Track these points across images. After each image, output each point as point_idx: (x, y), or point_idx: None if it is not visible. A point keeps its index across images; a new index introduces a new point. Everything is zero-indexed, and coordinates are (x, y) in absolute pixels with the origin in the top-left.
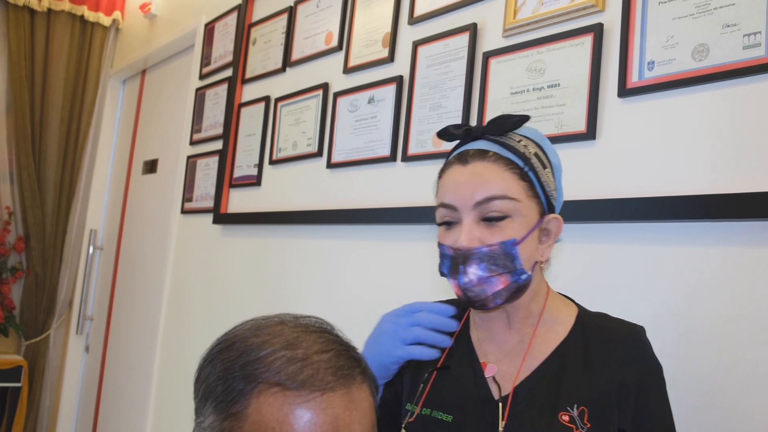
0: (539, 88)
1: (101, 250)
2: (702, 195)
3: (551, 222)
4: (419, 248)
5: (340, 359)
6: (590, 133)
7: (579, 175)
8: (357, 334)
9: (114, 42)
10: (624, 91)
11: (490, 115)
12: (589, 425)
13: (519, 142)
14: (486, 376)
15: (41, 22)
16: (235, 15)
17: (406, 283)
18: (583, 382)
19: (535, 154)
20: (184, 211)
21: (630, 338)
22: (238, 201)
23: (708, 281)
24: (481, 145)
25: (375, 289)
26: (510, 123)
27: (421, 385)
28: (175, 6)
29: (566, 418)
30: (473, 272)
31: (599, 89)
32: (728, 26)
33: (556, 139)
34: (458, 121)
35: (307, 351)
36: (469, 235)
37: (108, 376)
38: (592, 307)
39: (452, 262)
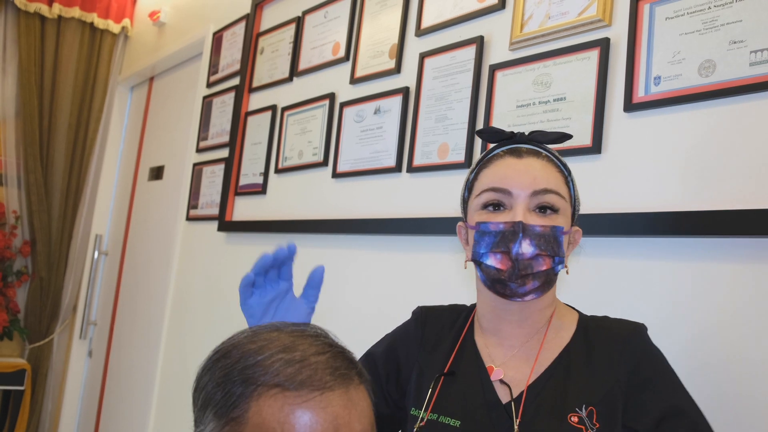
0: (545, 102)
1: (106, 256)
2: (708, 211)
3: (577, 233)
4: (423, 259)
5: (336, 360)
6: (596, 147)
7: (584, 189)
8: (359, 342)
9: (123, 49)
10: (630, 105)
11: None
12: (598, 425)
13: (559, 155)
14: (492, 380)
15: (51, 29)
16: (243, 24)
17: (409, 293)
18: (590, 383)
19: (570, 170)
20: (189, 218)
21: (632, 337)
22: (244, 209)
23: (723, 297)
24: (527, 146)
25: (378, 299)
26: (554, 135)
27: (429, 390)
28: (184, 14)
29: (575, 419)
30: (527, 246)
31: (605, 103)
32: (735, 43)
33: (561, 153)
34: (464, 133)
35: (305, 353)
36: (524, 217)
37: (110, 381)
38: None
39: (501, 237)
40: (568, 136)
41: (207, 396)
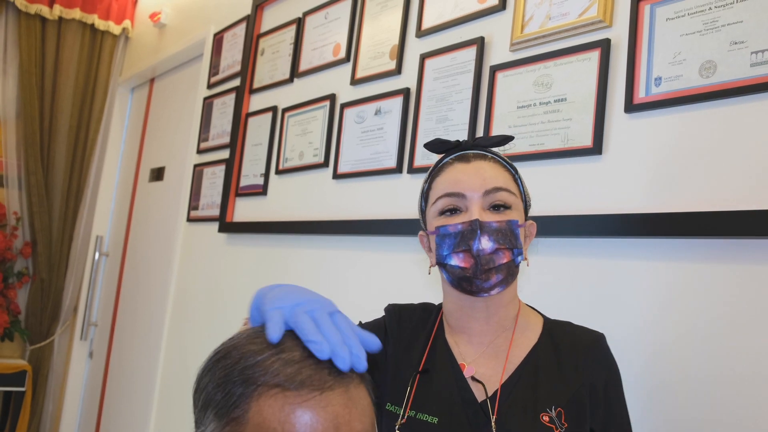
0: (546, 102)
1: (107, 257)
2: (708, 212)
3: (532, 226)
4: (424, 260)
5: None
6: (596, 148)
7: (585, 190)
8: None
9: (123, 50)
10: (631, 106)
11: (496, 128)
12: (566, 425)
13: (504, 156)
14: (465, 376)
15: (52, 30)
16: (243, 25)
17: (409, 294)
18: (558, 385)
19: (517, 169)
20: (189, 219)
21: (595, 344)
22: (244, 210)
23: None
24: (473, 151)
25: (380, 300)
26: (497, 139)
27: (408, 388)
28: (185, 16)
29: (546, 418)
30: (486, 241)
31: (606, 104)
32: (735, 43)
33: (562, 154)
34: (465, 134)
35: (304, 353)
36: (480, 215)
37: (111, 382)
38: (607, 323)
39: (461, 237)
40: (510, 138)
41: (207, 397)
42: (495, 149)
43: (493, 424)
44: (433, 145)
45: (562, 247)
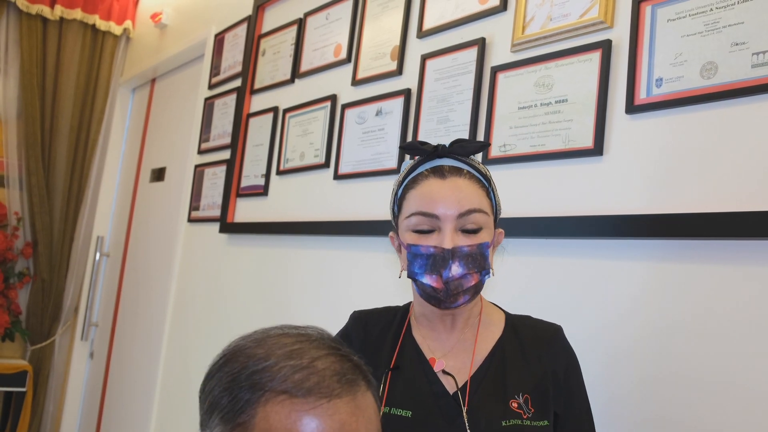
0: (547, 104)
1: (108, 257)
2: (709, 213)
3: (499, 235)
4: None
5: (344, 367)
6: (597, 149)
7: (586, 191)
8: None
9: (124, 51)
10: (632, 107)
11: (497, 129)
12: (533, 410)
13: (479, 164)
14: (435, 370)
15: (53, 31)
16: (245, 26)
17: (409, 295)
18: (524, 374)
19: (491, 176)
20: (190, 220)
21: (556, 335)
22: (245, 210)
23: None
24: (449, 162)
25: (379, 301)
26: (474, 147)
27: (381, 386)
28: (186, 16)
29: (515, 404)
30: (456, 268)
31: (607, 105)
32: (737, 45)
33: (563, 155)
34: (466, 134)
35: (312, 359)
36: (452, 241)
37: (112, 382)
38: (608, 323)
39: (432, 260)
40: (487, 145)
41: (214, 400)
42: (474, 155)
43: (464, 413)
44: (410, 149)
45: (563, 247)
